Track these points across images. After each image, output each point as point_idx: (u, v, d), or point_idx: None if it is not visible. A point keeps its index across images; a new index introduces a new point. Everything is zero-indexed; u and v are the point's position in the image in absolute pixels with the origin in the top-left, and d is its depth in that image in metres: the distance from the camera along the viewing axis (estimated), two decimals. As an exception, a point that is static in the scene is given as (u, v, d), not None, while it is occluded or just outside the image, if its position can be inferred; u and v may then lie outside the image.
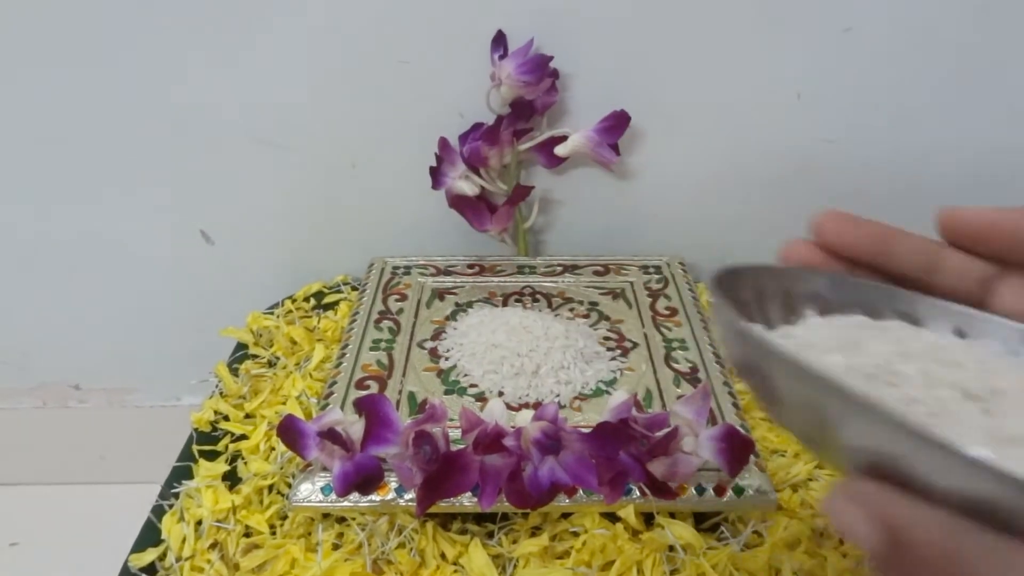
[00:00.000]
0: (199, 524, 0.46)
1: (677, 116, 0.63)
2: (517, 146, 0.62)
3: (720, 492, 0.42)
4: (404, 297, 0.60)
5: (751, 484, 0.43)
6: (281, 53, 0.61)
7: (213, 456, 0.51)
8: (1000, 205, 0.29)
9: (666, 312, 0.57)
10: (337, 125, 0.63)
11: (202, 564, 0.43)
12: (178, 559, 0.44)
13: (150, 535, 0.46)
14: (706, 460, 0.41)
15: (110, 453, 0.81)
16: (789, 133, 0.64)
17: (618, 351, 0.53)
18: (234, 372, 0.58)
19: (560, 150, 0.61)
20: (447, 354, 0.53)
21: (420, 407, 0.48)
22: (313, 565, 0.42)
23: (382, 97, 0.62)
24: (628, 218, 0.67)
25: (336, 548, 0.43)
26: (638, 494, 0.42)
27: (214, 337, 0.62)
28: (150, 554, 0.44)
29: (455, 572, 0.42)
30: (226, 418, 0.54)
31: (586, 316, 0.57)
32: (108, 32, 0.60)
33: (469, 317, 0.56)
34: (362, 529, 0.43)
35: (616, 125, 0.59)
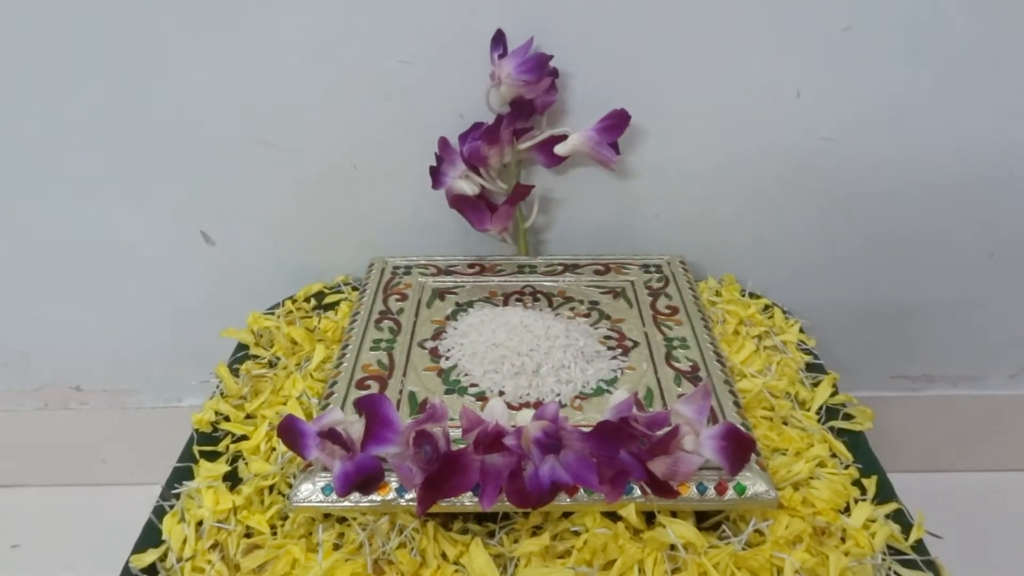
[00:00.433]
0: (200, 525, 0.46)
1: (677, 115, 0.63)
2: (517, 145, 0.62)
3: (721, 491, 0.42)
4: (404, 297, 0.60)
5: (752, 483, 0.43)
6: (282, 54, 0.61)
7: (214, 457, 0.51)
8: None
9: (667, 311, 0.57)
10: (338, 126, 0.63)
11: (203, 564, 0.43)
12: (179, 560, 0.44)
13: (151, 536, 0.46)
14: (707, 459, 0.41)
15: (111, 455, 0.81)
16: (789, 132, 0.64)
17: (619, 350, 0.53)
18: (235, 373, 0.58)
19: (560, 149, 0.61)
20: (448, 354, 0.53)
21: (420, 407, 0.48)
22: (314, 565, 0.42)
23: (382, 98, 0.62)
24: (628, 217, 0.67)
25: (337, 548, 0.43)
26: (639, 493, 0.42)
27: (215, 338, 0.62)
28: (151, 555, 0.44)
29: (456, 572, 0.42)
30: (227, 419, 0.54)
31: (587, 315, 0.57)
32: (108, 33, 0.60)
33: (469, 317, 0.56)
34: (363, 529, 0.43)
35: (616, 124, 0.59)
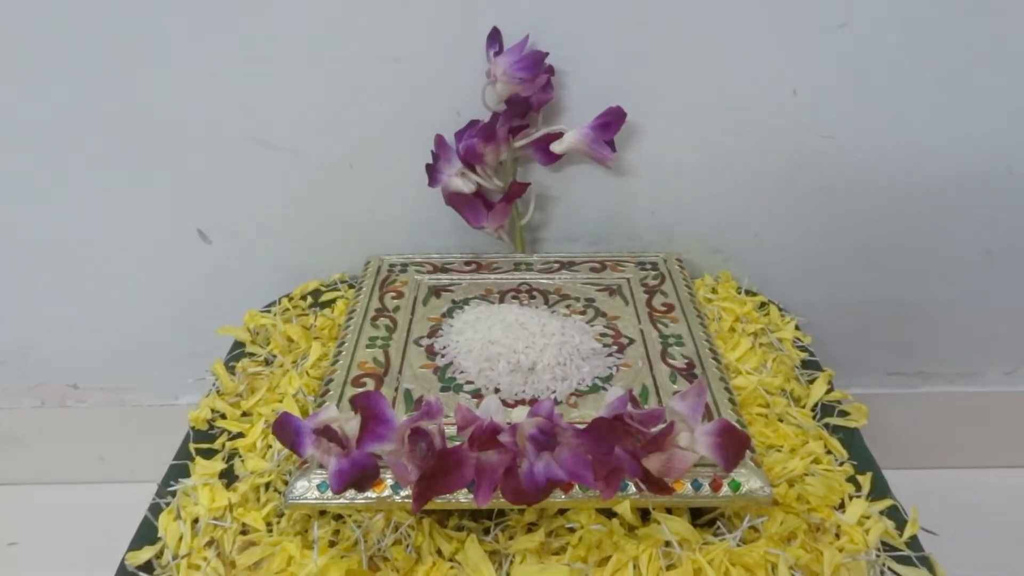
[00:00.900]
0: (196, 522, 0.46)
1: (674, 112, 0.63)
2: (513, 143, 0.62)
3: (716, 487, 0.42)
4: (400, 295, 0.60)
5: (747, 479, 0.43)
6: (277, 53, 0.60)
7: (210, 454, 0.51)
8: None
9: (663, 308, 0.57)
10: (334, 125, 0.63)
11: (198, 562, 0.43)
12: (175, 557, 0.44)
13: (147, 533, 0.46)
14: (702, 455, 0.41)
15: (108, 452, 0.81)
16: (786, 129, 0.63)
17: (614, 347, 0.53)
18: (231, 370, 0.58)
19: (556, 147, 0.61)
20: (443, 351, 0.53)
21: (416, 404, 0.48)
22: (309, 562, 0.42)
23: (379, 96, 0.62)
24: (625, 214, 0.67)
25: (332, 545, 0.43)
26: (634, 490, 0.42)
27: (212, 336, 0.62)
28: (147, 552, 0.44)
29: (451, 568, 0.42)
30: (223, 416, 0.54)
31: (583, 312, 0.57)
32: (105, 33, 0.60)
33: (465, 314, 0.56)
34: (358, 526, 0.43)
35: (612, 122, 0.59)
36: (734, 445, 0.41)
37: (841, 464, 0.49)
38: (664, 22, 0.59)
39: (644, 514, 0.44)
